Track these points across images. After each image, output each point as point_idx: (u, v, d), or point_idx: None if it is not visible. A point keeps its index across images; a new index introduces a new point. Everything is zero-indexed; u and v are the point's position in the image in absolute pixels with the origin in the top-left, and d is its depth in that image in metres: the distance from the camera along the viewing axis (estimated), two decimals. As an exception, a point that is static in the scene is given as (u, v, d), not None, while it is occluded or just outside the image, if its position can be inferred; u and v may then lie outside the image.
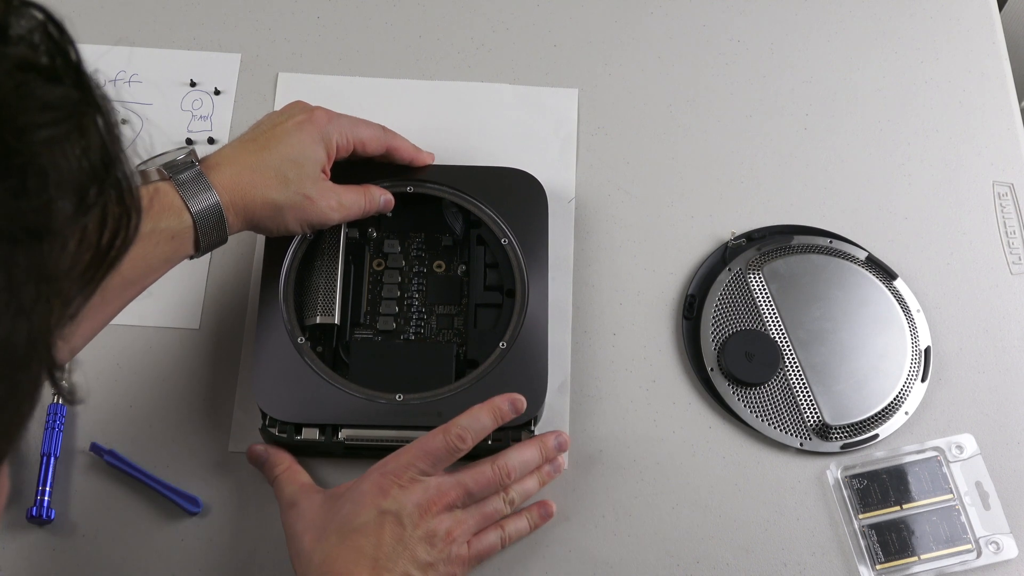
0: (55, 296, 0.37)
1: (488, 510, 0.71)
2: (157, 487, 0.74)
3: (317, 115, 0.76)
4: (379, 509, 0.67)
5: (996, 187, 0.89)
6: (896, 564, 0.74)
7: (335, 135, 0.76)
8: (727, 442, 0.79)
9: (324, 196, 0.74)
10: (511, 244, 0.79)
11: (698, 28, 0.94)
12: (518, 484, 0.73)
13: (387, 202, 0.79)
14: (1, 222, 0.34)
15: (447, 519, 0.69)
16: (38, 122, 0.35)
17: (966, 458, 0.78)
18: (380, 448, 0.73)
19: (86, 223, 0.38)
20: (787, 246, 0.84)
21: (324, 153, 0.75)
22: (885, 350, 0.81)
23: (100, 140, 0.38)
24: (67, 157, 0.36)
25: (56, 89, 0.36)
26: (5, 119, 0.35)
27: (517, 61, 0.92)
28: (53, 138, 0.36)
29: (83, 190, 0.37)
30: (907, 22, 0.96)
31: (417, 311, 0.81)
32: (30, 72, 0.36)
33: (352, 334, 0.79)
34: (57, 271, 0.37)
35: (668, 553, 0.75)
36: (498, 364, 0.75)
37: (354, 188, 0.77)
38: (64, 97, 0.37)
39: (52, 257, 0.36)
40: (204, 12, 0.93)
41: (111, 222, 0.39)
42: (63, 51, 0.37)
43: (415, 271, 0.82)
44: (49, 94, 0.36)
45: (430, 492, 0.68)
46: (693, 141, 0.90)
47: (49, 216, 0.36)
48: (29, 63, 0.36)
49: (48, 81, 0.36)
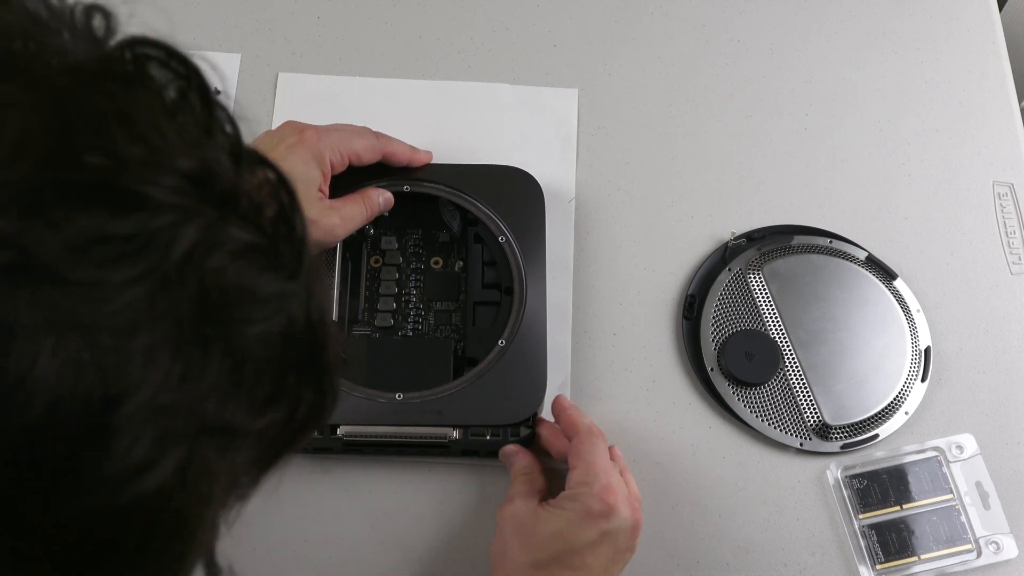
0: (229, 492, 0.35)
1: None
2: (157, 487, 0.74)
3: (307, 135, 0.75)
4: (600, 530, 0.67)
5: (996, 187, 0.89)
6: (896, 564, 0.74)
7: (328, 153, 0.75)
8: (727, 442, 0.79)
9: (325, 216, 0.74)
10: (508, 242, 0.79)
11: (698, 28, 0.94)
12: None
13: (387, 201, 0.79)
14: (186, 422, 0.31)
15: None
16: (252, 317, 0.32)
17: (966, 458, 0.78)
18: (379, 444, 0.74)
19: (276, 415, 0.35)
20: (787, 246, 0.84)
21: (319, 173, 0.74)
22: (885, 350, 0.81)
23: (307, 327, 0.35)
24: (270, 347, 0.33)
25: (276, 280, 0.33)
26: (218, 314, 0.31)
27: (517, 61, 0.92)
28: (262, 334, 0.33)
29: (280, 381, 0.34)
30: (907, 22, 0.96)
31: (415, 307, 0.81)
32: (253, 255, 0.33)
33: (350, 331, 0.79)
34: (234, 467, 0.34)
35: (668, 553, 0.75)
36: (497, 362, 0.75)
37: (352, 198, 0.77)
38: (283, 289, 0.33)
39: (235, 456, 0.34)
40: (204, 12, 0.93)
41: (303, 408, 0.36)
42: (290, 224, 0.34)
43: (412, 267, 0.82)
44: (269, 286, 0.33)
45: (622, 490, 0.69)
46: (693, 141, 0.90)
47: (239, 416, 0.33)
48: (253, 247, 0.33)
49: (268, 269, 0.33)
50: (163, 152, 0.31)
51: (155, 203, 0.30)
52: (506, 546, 0.68)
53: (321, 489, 0.76)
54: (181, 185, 0.31)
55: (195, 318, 0.31)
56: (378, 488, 0.76)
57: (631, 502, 0.69)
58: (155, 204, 0.30)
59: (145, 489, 0.31)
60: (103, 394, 0.30)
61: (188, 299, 0.31)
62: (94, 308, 0.30)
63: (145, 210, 0.30)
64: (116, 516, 0.32)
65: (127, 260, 0.30)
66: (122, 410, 0.30)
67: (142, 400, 0.30)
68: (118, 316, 0.30)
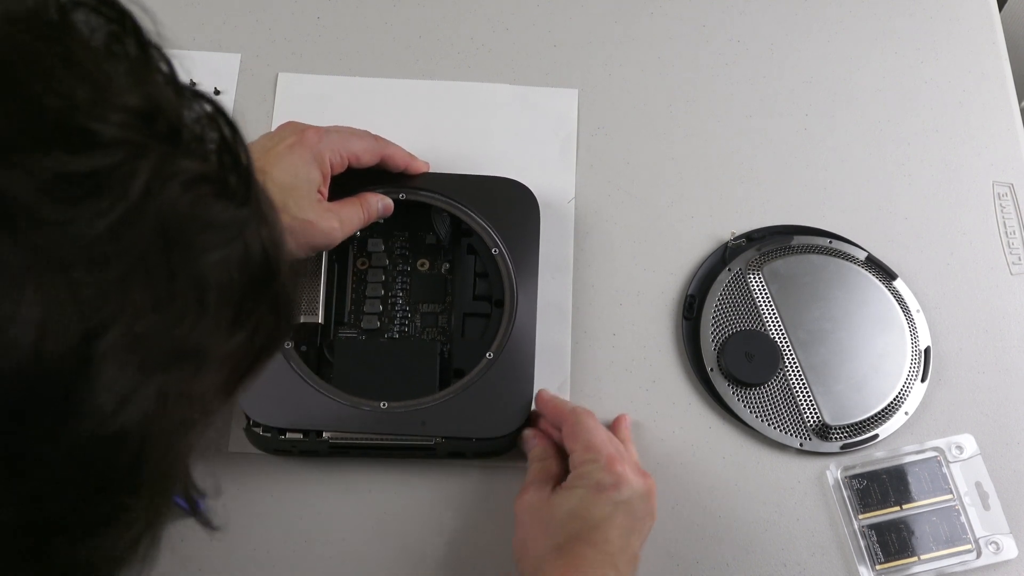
0: (202, 414, 0.37)
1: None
2: (157, 487, 0.74)
3: (307, 136, 0.74)
4: (613, 501, 0.68)
5: (996, 187, 0.89)
6: (896, 564, 0.74)
7: (327, 153, 0.75)
8: (727, 442, 0.79)
9: (324, 218, 0.74)
10: (501, 254, 0.79)
11: (698, 28, 0.94)
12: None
13: (386, 208, 0.78)
14: (161, 348, 0.33)
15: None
16: (210, 244, 0.34)
17: (966, 458, 0.78)
18: (365, 447, 0.74)
19: (239, 338, 0.37)
20: (787, 246, 0.84)
21: (319, 174, 0.74)
22: (885, 350, 0.81)
23: (263, 253, 0.37)
24: (230, 273, 0.35)
25: (229, 207, 0.35)
26: (178, 242, 0.33)
27: (517, 61, 0.92)
28: (222, 260, 0.35)
29: (240, 304, 0.36)
30: (907, 22, 0.96)
31: (401, 309, 0.81)
32: (204, 185, 0.35)
33: (336, 333, 0.79)
34: (206, 390, 0.36)
35: (668, 553, 0.75)
36: (484, 374, 0.75)
37: (350, 201, 0.76)
38: (235, 216, 0.36)
39: (206, 379, 0.36)
40: (204, 12, 0.93)
41: (262, 332, 0.38)
42: (235, 155, 0.36)
43: (399, 269, 0.82)
44: (222, 214, 0.35)
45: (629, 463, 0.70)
46: (693, 141, 0.90)
47: (208, 340, 0.35)
48: (203, 176, 0.35)
49: (220, 197, 0.35)
50: (109, 91, 0.33)
51: (107, 140, 0.32)
52: (527, 535, 0.69)
53: (321, 489, 0.76)
54: (130, 121, 0.33)
55: (159, 248, 0.33)
56: (377, 487, 0.76)
57: (639, 469, 0.70)
58: (108, 141, 0.32)
59: (131, 415, 0.33)
60: (83, 328, 0.31)
61: (151, 230, 0.32)
62: (68, 245, 0.31)
63: (99, 147, 0.32)
64: (108, 445, 0.33)
65: (91, 198, 0.31)
66: (102, 341, 0.32)
67: (120, 330, 0.32)
68: (90, 251, 0.31)
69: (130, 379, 0.33)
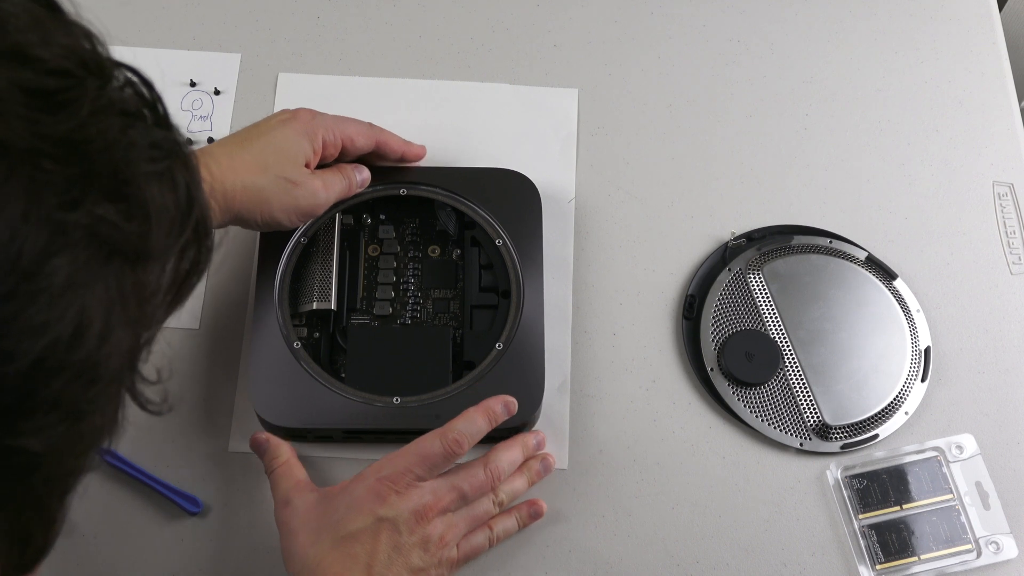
0: (150, 315, 0.42)
1: (478, 512, 0.72)
2: (157, 487, 0.74)
3: (301, 113, 0.77)
4: (376, 516, 0.67)
5: (996, 187, 0.89)
6: (896, 564, 0.74)
7: (321, 131, 0.76)
8: (727, 442, 0.79)
9: (308, 180, 0.75)
10: (505, 245, 0.79)
11: (698, 28, 0.94)
12: (507, 484, 0.73)
13: (363, 180, 0.80)
14: (114, 240, 0.38)
15: (440, 524, 0.69)
16: (143, 157, 0.40)
17: (966, 458, 0.78)
18: (380, 432, 0.74)
19: (173, 253, 0.42)
20: (787, 246, 0.84)
21: (309, 147, 0.75)
22: (885, 350, 0.81)
23: (185, 183, 0.42)
24: (162, 193, 0.41)
25: (158, 132, 0.41)
26: (116, 153, 0.39)
27: (517, 61, 0.92)
28: (155, 173, 0.40)
29: (172, 223, 0.41)
30: (907, 22, 0.96)
31: (413, 295, 0.81)
32: (132, 118, 0.40)
33: (349, 320, 0.79)
34: (152, 294, 0.42)
35: (668, 553, 0.75)
36: (495, 365, 0.75)
37: (331, 169, 0.78)
38: (165, 139, 0.41)
39: (151, 280, 0.41)
40: (204, 12, 0.93)
41: (190, 254, 0.44)
42: (153, 105, 0.42)
43: (410, 256, 0.82)
44: (153, 135, 0.41)
45: (426, 498, 0.68)
46: (693, 141, 0.90)
47: (150, 242, 0.40)
48: (131, 111, 0.41)
49: (152, 125, 0.41)
50: (44, 34, 0.39)
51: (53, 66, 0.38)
52: (293, 542, 0.68)
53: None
54: (67, 54, 0.38)
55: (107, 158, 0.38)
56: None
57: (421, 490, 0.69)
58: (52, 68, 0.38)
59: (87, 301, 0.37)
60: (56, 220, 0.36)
61: (99, 141, 0.38)
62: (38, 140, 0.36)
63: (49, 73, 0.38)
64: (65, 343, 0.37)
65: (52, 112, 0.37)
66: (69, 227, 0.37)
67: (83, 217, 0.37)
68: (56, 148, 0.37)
69: (84, 267, 0.37)
